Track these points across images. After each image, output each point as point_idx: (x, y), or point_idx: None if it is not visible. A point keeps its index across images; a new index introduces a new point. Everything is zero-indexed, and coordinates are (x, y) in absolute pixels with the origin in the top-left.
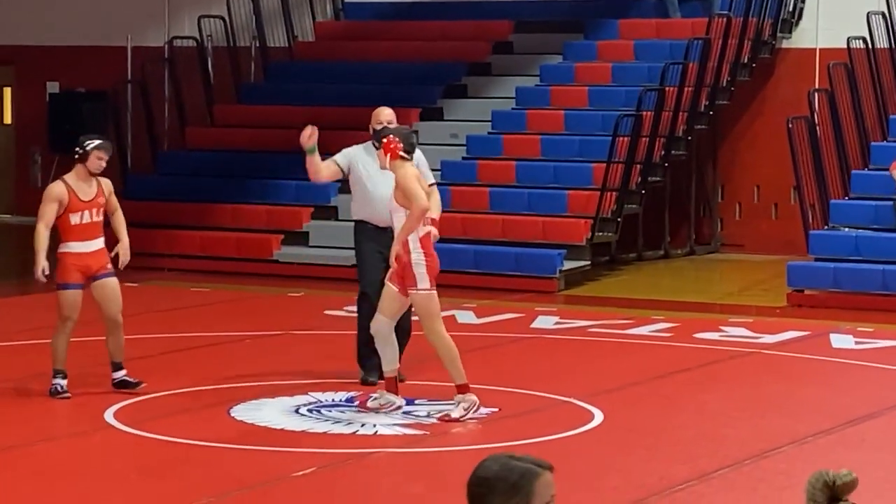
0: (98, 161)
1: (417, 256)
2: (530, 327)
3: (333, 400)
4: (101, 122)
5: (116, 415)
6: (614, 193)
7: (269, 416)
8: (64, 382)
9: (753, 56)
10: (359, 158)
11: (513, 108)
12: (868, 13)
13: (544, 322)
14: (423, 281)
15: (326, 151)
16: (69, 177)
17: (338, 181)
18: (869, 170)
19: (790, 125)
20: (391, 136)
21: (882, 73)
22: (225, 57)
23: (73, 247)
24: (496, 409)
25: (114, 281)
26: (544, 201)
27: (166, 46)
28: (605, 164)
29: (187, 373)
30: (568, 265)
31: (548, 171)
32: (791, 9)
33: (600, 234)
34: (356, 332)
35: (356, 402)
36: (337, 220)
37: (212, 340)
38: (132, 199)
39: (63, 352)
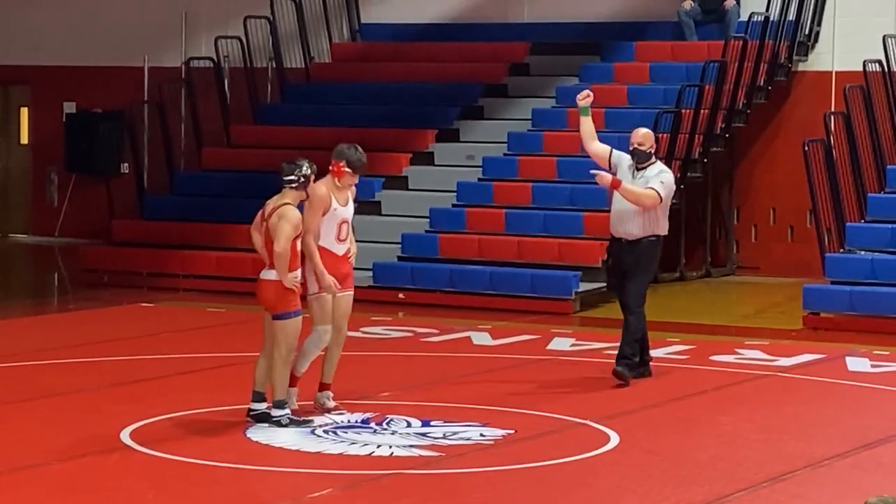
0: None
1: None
2: (546, 349)
3: (349, 421)
4: (117, 142)
5: (132, 435)
6: None
7: (285, 438)
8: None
9: (769, 79)
10: (622, 166)
11: (529, 130)
12: (884, 36)
13: (560, 344)
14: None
15: None
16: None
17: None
18: (885, 192)
19: (806, 147)
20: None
21: None
22: (242, 78)
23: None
24: (512, 431)
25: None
26: (560, 223)
27: (183, 67)
28: None
29: (204, 393)
30: (584, 287)
31: (564, 193)
32: (807, 32)
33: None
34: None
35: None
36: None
37: (228, 361)
38: (149, 219)
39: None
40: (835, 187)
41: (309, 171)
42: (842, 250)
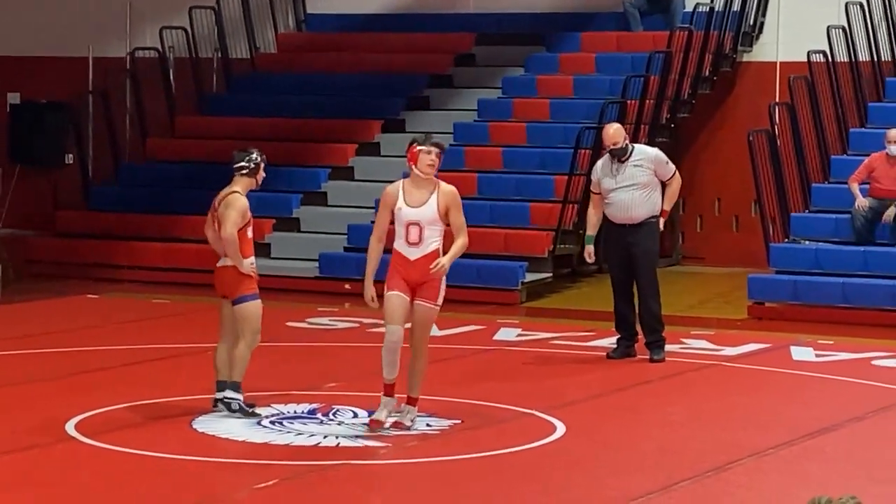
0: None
1: None
2: (493, 339)
3: (296, 412)
4: (62, 133)
5: (78, 426)
6: (576, 206)
7: (231, 428)
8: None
9: (714, 69)
10: (602, 174)
11: (475, 121)
12: (828, 27)
13: (506, 334)
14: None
15: (291, 163)
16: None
17: (299, 192)
18: (829, 183)
19: (751, 138)
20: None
21: (842, 86)
22: (187, 68)
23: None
24: (458, 421)
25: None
26: (506, 213)
27: (128, 57)
28: (566, 177)
29: (150, 384)
30: (530, 277)
31: (510, 184)
32: (752, 22)
33: (562, 246)
34: None
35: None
36: (300, 231)
37: (173, 352)
38: (94, 210)
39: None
40: (779, 178)
41: (259, 159)
42: (786, 240)
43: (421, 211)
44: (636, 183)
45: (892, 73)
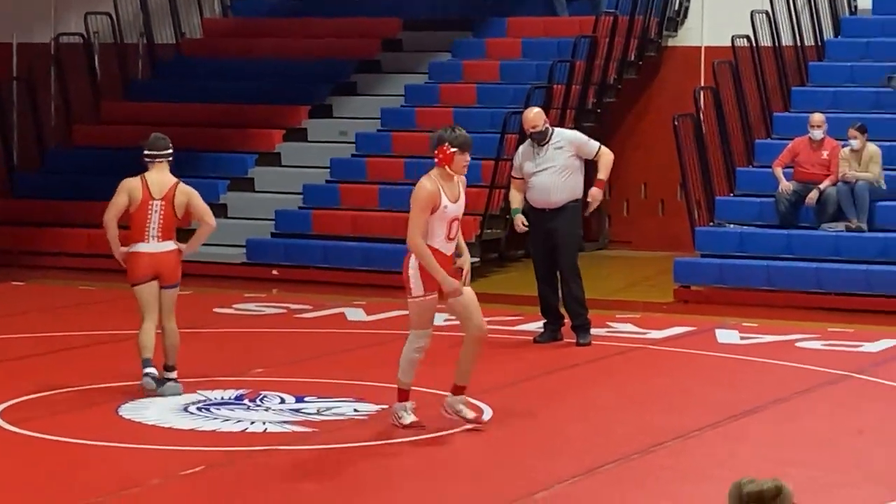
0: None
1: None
2: None
3: (223, 398)
4: None
5: (3, 414)
6: (503, 191)
7: (157, 415)
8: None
9: (640, 54)
10: (523, 158)
11: (402, 106)
12: (752, 12)
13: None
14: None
15: (217, 149)
16: None
17: (225, 178)
18: (753, 167)
19: (676, 123)
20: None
21: (766, 70)
22: (112, 54)
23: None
24: (386, 406)
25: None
26: None
27: (53, 43)
28: (493, 162)
29: (75, 371)
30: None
31: None
32: (676, 8)
33: (489, 231)
34: None
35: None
36: (226, 217)
37: (99, 339)
38: (19, 197)
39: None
40: (704, 162)
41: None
42: (711, 224)
43: (459, 206)
44: (556, 166)
45: (815, 58)
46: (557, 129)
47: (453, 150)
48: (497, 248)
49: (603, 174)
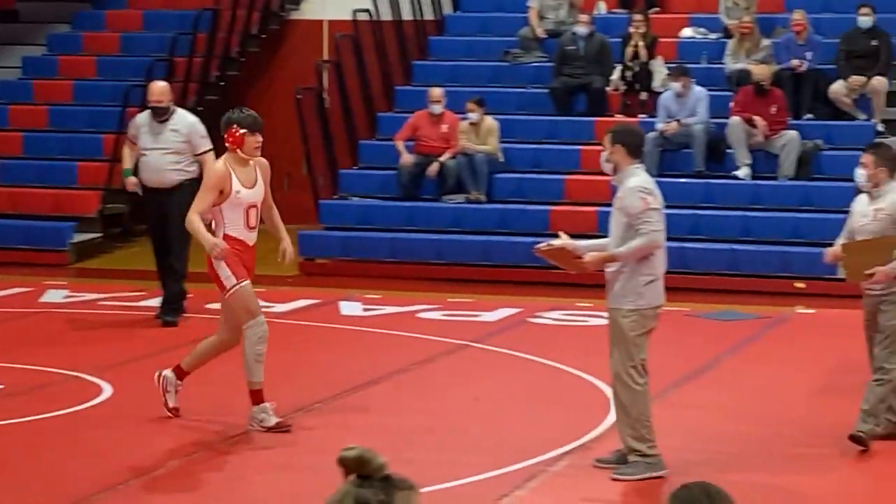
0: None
1: None
2: (39, 301)
3: None
4: None
5: None
6: None
7: None
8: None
9: (263, 27)
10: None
11: (19, 79)
12: None
13: (53, 296)
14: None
15: None
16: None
17: None
18: (376, 140)
19: (299, 96)
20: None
21: (387, 45)
22: None
23: None
24: (1, 387)
25: None
26: (54, 173)
27: None
28: (114, 135)
29: None
30: (79, 238)
31: (57, 143)
32: None
33: (111, 205)
34: None
35: None
36: None
37: None
38: None
39: None
40: (327, 135)
41: None
42: (335, 197)
43: (256, 192)
44: (169, 148)
45: (435, 33)
46: (181, 112)
47: (242, 131)
48: (120, 222)
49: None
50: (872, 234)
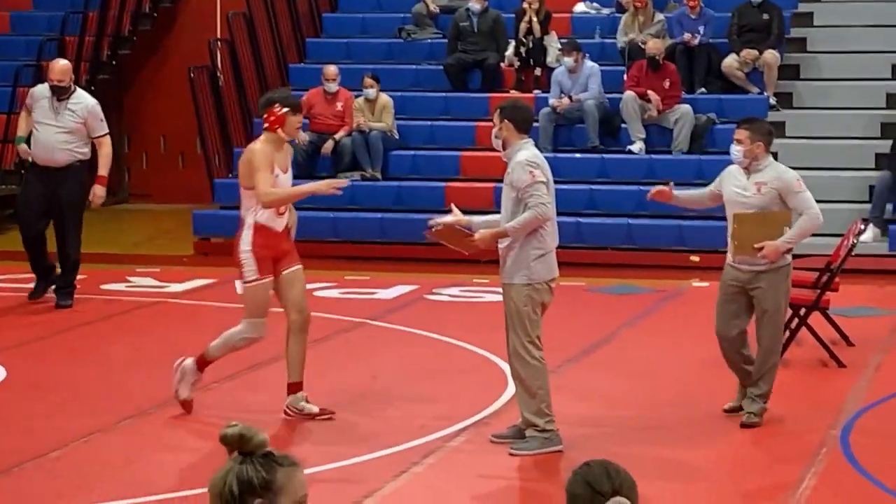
0: None
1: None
2: None
3: None
4: None
5: None
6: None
7: None
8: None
9: (155, 5)
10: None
11: None
12: None
13: None
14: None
15: None
16: None
17: None
18: None
19: (192, 75)
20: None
21: (280, 22)
22: None
23: None
24: None
25: None
26: None
27: None
28: (6, 116)
29: None
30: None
31: None
32: None
33: (4, 186)
34: None
35: None
36: None
37: None
38: None
39: None
40: (221, 114)
41: None
42: (230, 175)
43: (289, 178)
44: (64, 127)
45: (328, 10)
46: (80, 92)
47: (285, 109)
48: (13, 204)
49: (103, 170)
50: (758, 207)
